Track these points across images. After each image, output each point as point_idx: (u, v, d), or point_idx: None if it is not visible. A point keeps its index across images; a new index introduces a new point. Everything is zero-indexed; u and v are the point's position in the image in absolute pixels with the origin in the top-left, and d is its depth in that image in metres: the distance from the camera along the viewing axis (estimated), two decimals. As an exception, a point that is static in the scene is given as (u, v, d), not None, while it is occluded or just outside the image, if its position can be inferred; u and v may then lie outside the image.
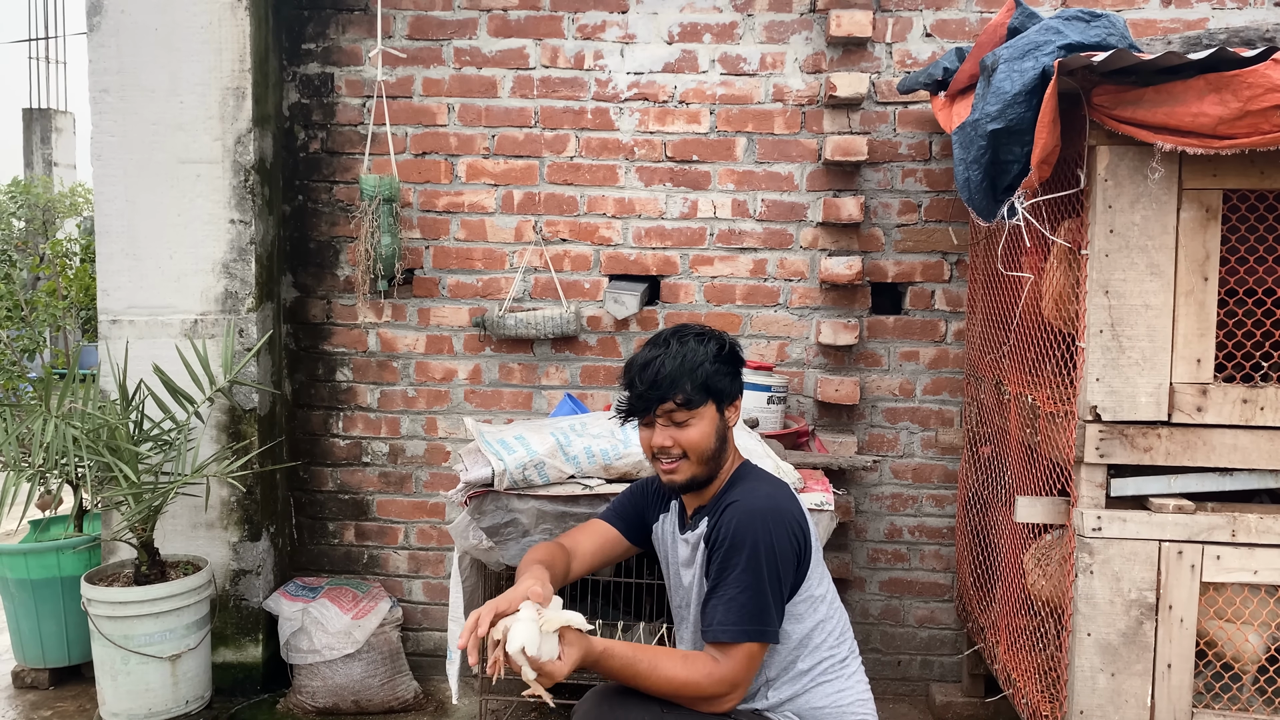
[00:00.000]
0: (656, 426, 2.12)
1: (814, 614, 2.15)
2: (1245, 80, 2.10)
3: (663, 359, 2.09)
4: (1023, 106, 2.38)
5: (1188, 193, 2.38)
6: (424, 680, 3.78)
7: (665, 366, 2.08)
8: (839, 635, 2.21)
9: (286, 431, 3.84)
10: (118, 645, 3.24)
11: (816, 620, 2.16)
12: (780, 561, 2.03)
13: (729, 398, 2.16)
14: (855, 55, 3.62)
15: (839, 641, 2.20)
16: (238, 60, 3.49)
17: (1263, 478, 2.47)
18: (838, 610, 2.24)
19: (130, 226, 3.55)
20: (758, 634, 1.99)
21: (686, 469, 2.12)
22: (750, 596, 1.99)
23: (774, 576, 2.01)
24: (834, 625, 2.21)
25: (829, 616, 2.20)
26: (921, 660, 3.81)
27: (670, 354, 2.09)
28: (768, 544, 2.01)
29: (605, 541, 2.37)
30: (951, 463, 3.73)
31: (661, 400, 2.08)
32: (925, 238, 3.67)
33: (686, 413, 2.09)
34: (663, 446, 2.11)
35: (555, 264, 3.75)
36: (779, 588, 2.03)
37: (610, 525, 2.39)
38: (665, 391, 2.07)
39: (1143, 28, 3.51)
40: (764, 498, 2.09)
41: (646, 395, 2.08)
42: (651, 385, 2.07)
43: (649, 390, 2.08)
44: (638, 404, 2.11)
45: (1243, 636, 2.46)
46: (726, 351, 2.15)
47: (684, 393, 2.07)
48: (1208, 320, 2.41)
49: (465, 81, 3.72)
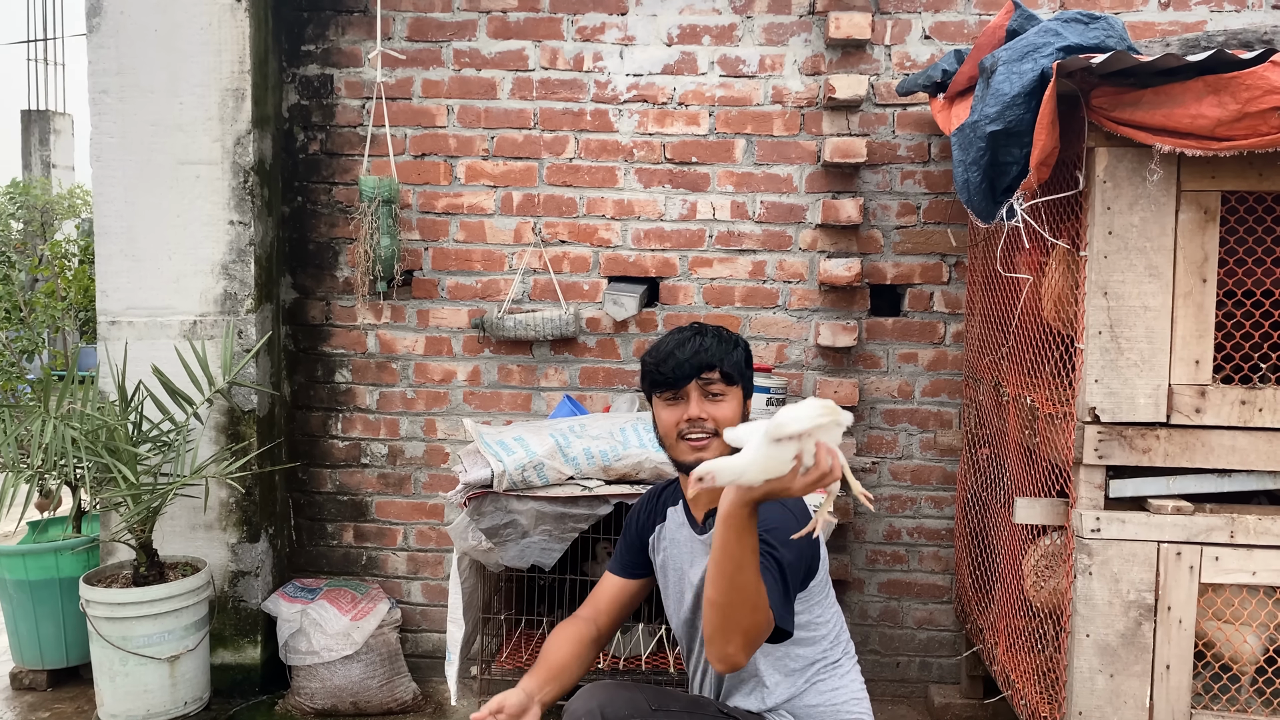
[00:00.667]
0: (692, 399, 2.15)
1: (813, 614, 2.16)
2: (1243, 82, 2.10)
3: (701, 338, 2.17)
4: (1022, 108, 2.39)
5: (1186, 194, 2.39)
6: (423, 682, 3.78)
7: (706, 342, 2.16)
8: (834, 636, 2.23)
9: (285, 433, 3.84)
10: (116, 646, 3.24)
11: (815, 620, 2.17)
12: (798, 561, 2.04)
13: (748, 392, 2.24)
14: (854, 57, 3.62)
15: (834, 643, 2.22)
16: (237, 61, 3.50)
17: (1261, 479, 2.47)
18: (835, 612, 2.26)
19: (129, 227, 3.55)
20: (780, 618, 1.95)
21: (716, 447, 2.13)
22: (775, 585, 1.96)
23: (794, 575, 2.03)
24: (831, 627, 2.23)
25: (828, 619, 2.22)
26: (920, 662, 3.81)
27: (708, 335, 2.18)
28: (784, 542, 2.01)
29: (621, 592, 2.42)
30: (950, 464, 3.73)
31: (705, 368, 2.13)
32: (924, 239, 3.67)
33: (724, 386, 2.15)
34: (697, 418, 2.14)
35: (554, 265, 3.76)
36: (793, 587, 2.04)
37: (619, 576, 2.43)
38: (709, 359, 2.13)
39: (1141, 30, 3.52)
40: (782, 501, 2.08)
41: (690, 363, 2.13)
42: (695, 353, 2.13)
43: (693, 357, 2.13)
44: (677, 371, 2.14)
45: (1241, 638, 2.46)
46: (747, 350, 2.25)
47: (724, 366, 2.14)
48: (1206, 322, 2.41)
49: (465, 83, 3.73)
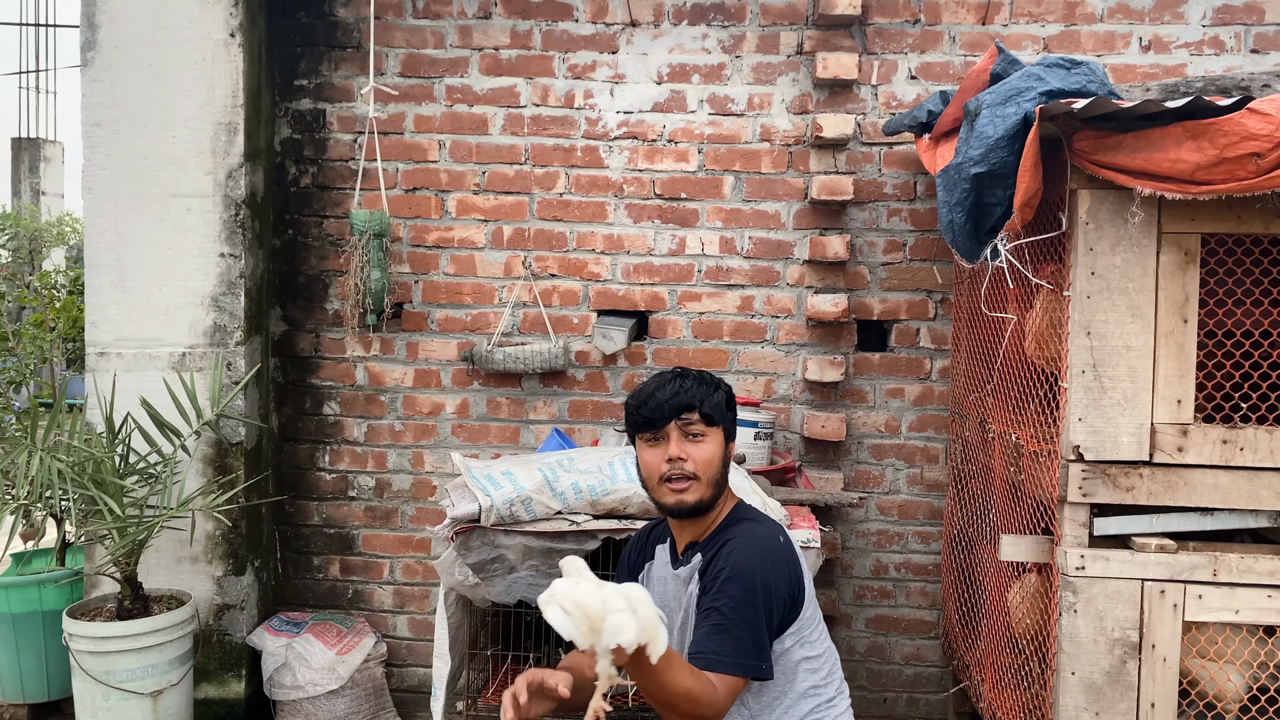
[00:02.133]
0: (672, 439, 2.16)
1: (804, 652, 2.16)
2: (1221, 128, 2.15)
3: (682, 380, 2.18)
4: (1005, 151, 2.43)
5: (1167, 236, 2.42)
6: (408, 717, 3.76)
7: (687, 384, 2.17)
8: (827, 674, 2.22)
9: (273, 465, 3.83)
10: (99, 681, 3.21)
11: (805, 657, 2.17)
12: (775, 600, 2.04)
13: (731, 434, 2.25)
14: (841, 97, 3.67)
15: (826, 681, 2.21)
16: (230, 96, 3.52)
17: (1243, 517, 2.49)
18: (828, 649, 2.25)
19: (120, 259, 3.56)
20: (752, 669, 1.99)
21: (697, 489, 2.14)
22: (746, 630, 1.99)
23: (768, 614, 2.03)
24: (823, 663, 2.22)
25: (819, 654, 2.21)
26: (908, 698, 3.80)
27: (689, 378, 2.20)
28: (764, 581, 2.02)
29: None
30: (937, 499, 3.75)
31: (684, 409, 2.14)
32: (910, 276, 3.71)
33: (704, 427, 2.15)
34: (678, 457, 2.14)
35: (544, 299, 3.78)
36: (771, 625, 2.04)
37: None
38: (689, 400, 2.14)
39: (1123, 73, 3.59)
40: (763, 537, 2.11)
41: (669, 403, 2.14)
42: (675, 394, 2.15)
43: (673, 398, 2.14)
44: (657, 412, 2.15)
45: (1225, 676, 2.47)
46: (730, 393, 2.25)
47: (704, 407, 2.15)
48: (1187, 361, 2.44)
49: (457, 118, 3.76)
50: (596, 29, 3.71)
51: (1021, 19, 3.63)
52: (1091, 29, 3.61)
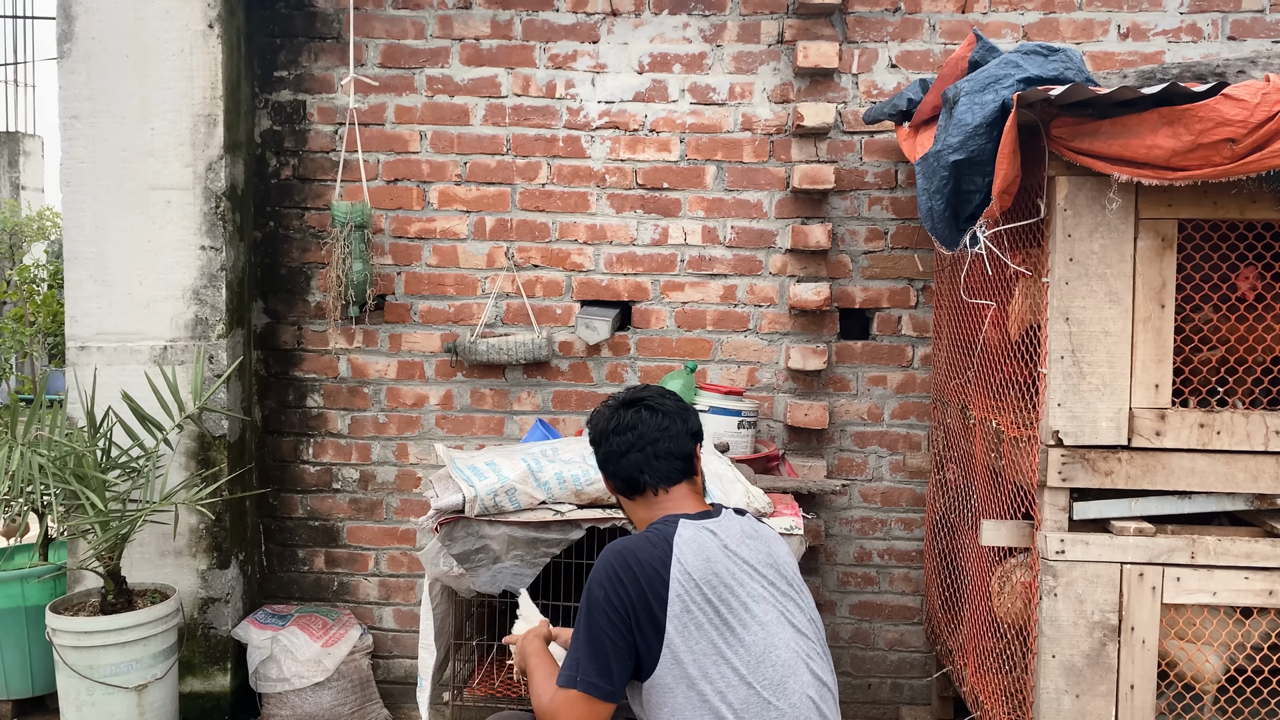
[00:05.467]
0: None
1: (685, 689, 1.88)
2: (1196, 114, 2.17)
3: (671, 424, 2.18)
4: (983, 138, 2.43)
5: (1144, 222, 2.44)
6: (394, 708, 3.76)
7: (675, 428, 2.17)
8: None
9: (256, 458, 3.82)
10: (83, 676, 3.20)
11: (684, 696, 1.88)
12: (600, 611, 1.90)
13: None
14: (822, 86, 3.68)
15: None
16: (209, 87, 3.50)
17: (1220, 500, 2.52)
18: (731, 696, 1.86)
19: (100, 253, 3.54)
20: (567, 680, 1.92)
21: None
22: (575, 643, 1.94)
23: (597, 626, 1.91)
24: (720, 709, 1.85)
25: (713, 692, 1.86)
26: (892, 683, 3.83)
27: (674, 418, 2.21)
28: (592, 595, 1.93)
29: None
30: (919, 486, 3.77)
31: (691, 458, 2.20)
32: (892, 264, 3.72)
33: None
34: None
35: (527, 290, 3.78)
36: (602, 639, 1.89)
37: None
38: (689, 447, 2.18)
39: (1101, 60, 3.60)
40: (611, 545, 2.00)
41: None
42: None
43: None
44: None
45: (1203, 657, 2.50)
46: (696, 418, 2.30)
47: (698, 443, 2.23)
48: (1165, 346, 2.46)
49: (438, 109, 3.75)
50: (577, 18, 3.71)
51: (1000, 7, 3.64)
52: (1070, 16, 3.62)
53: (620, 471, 2.14)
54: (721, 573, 1.94)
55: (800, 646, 1.97)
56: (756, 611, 1.94)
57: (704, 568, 1.92)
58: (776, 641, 1.92)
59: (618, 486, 2.17)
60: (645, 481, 2.11)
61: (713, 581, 1.92)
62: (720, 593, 1.92)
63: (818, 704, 1.94)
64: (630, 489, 2.14)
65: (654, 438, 2.12)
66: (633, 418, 2.15)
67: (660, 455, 2.11)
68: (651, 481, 2.11)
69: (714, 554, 1.96)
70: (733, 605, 1.92)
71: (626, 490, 2.15)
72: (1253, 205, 2.42)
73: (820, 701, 1.95)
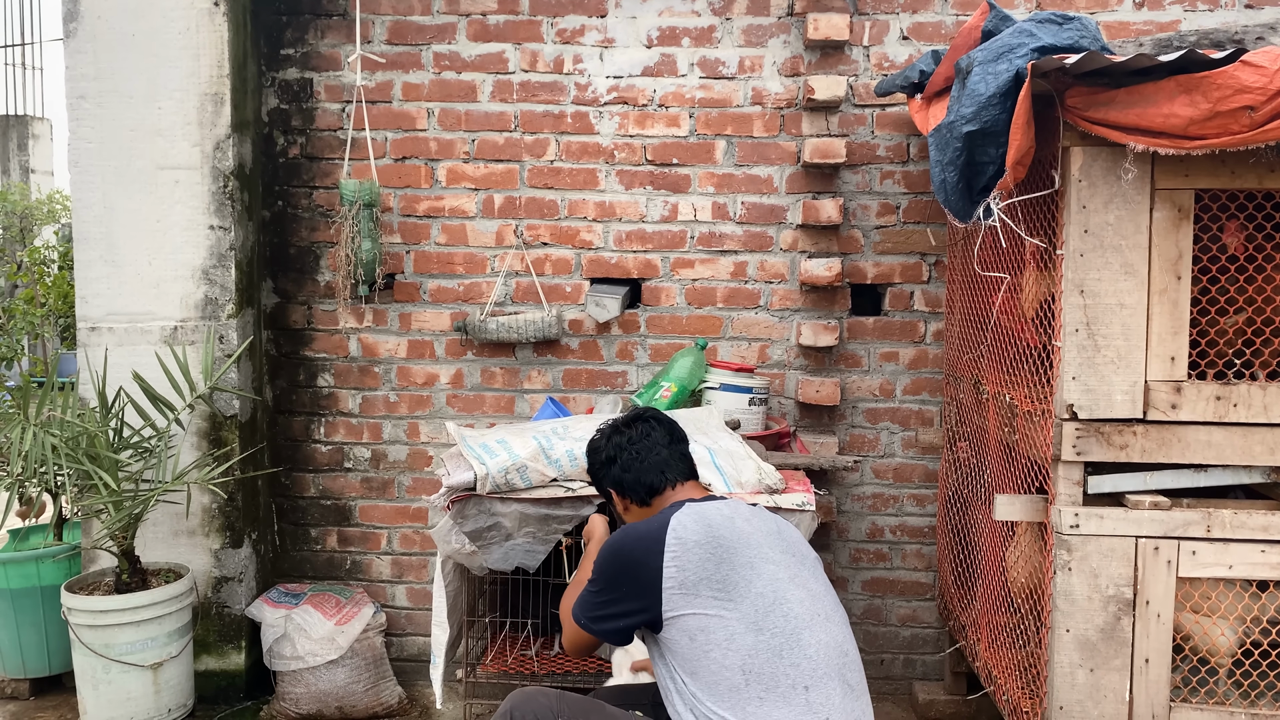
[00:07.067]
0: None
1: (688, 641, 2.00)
2: (1214, 81, 2.13)
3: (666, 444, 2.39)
4: (997, 108, 2.41)
5: (1160, 193, 2.41)
6: (408, 685, 3.78)
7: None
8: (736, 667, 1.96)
9: (268, 438, 3.83)
10: (98, 654, 3.22)
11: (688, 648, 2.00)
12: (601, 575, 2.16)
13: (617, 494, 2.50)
14: (833, 58, 3.64)
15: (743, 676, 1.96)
16: (216, 66, 3.49)
17: (1236, 474, 2.50)
18: (738, 644, 1.97)
19: (109, 233, 3.53)
20: (573, 611, 2.23)
21: None
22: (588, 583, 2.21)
23: (599, 583, 2.16)
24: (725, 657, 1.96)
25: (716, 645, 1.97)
26: (905, 659, 3.83)
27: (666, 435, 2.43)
28: (600, 557, 2.18)
29: None
30: (932, 462, 3.75)
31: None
32: (904, 239, 3.70)
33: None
34: None
35: (536, 268, 3.76)
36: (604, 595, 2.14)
37: None
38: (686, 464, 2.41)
39: (1116, 29, 3.55)
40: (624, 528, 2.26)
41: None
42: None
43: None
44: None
45: (1218, 631, 2.48)
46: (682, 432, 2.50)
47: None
48: (1181, 319, 2.44)
49: (445, 86, 3.73)
50: (585, -7, 3.67)
51: (1014, -23, 3.59)
52: (1085, -14, 3.57)
53: (643, 476, 2.31)
54: (724, 536, 2.05)
55: (815, 606, 2.05)
56: (763, 570, 2.04)
57: (704, 531, 2.05)
58: (788, 596, 2.03)
59: (636, 495, 2.33)
60: (667, 479, 2.31)
61: (713, 544, 2.03)
62: (721, 553, 2.03)
63: (839, 665, 2.01)
64: (650, 492, 2.31)
65: (666, 440, 2.37)
66: (642, 428, 2.39)
67: (677, 455, 2.35)
68: (672, 478, 2.31)
69: (715, 520, 2.08)
70: (735, 563, 2.03)
71: (646, 495, 2.32)
72: (1271, 174, 2.38)
73: (842, 657, 2.03)
